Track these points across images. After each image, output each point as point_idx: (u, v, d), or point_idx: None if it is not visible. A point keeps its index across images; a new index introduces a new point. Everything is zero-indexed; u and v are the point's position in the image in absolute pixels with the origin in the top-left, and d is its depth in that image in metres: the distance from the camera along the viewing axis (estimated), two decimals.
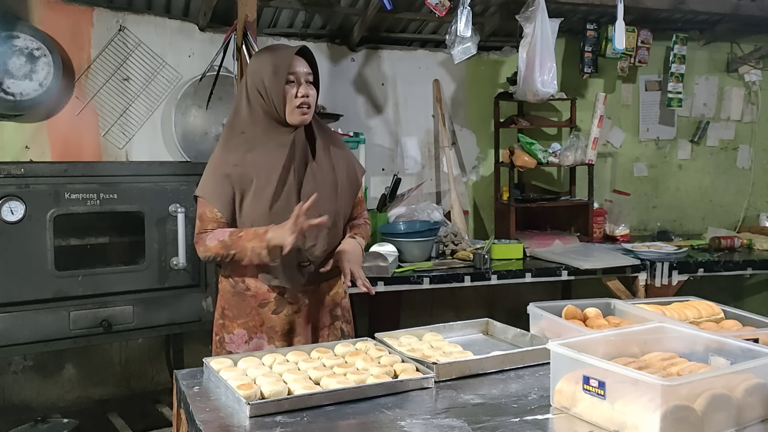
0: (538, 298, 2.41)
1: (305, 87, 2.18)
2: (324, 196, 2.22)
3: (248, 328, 2.24)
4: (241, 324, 2.25)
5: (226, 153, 2.20)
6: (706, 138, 5.03)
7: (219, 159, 2.21)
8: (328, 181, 2.26)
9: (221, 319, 2.29)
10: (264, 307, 2.24)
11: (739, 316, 2.21)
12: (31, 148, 3.56)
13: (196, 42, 3.88)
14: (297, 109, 2.17)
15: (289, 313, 2.25)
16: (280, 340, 2.24)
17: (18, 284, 2.90)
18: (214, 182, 2.19)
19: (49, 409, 3.60)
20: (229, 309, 2.27)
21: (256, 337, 2.24)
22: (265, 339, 2.24)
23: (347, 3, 3.99)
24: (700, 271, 3.78)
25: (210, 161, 2.25)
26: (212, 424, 1.58)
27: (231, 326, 2.26)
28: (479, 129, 4.58)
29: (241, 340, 2.25)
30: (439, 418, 1.60)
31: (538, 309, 2.20)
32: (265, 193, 2.16)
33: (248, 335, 2.24)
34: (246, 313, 2.24)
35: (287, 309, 2.25)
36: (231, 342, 2.25)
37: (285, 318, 2.25)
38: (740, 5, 4.44)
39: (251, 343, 2.24)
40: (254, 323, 2.24)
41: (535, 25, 3.87)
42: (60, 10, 3.58)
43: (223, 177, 2.17)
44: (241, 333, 2.25)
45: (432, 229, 3.73)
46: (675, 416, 1.41)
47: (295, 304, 2.26)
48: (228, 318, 2.27)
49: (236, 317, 2.25)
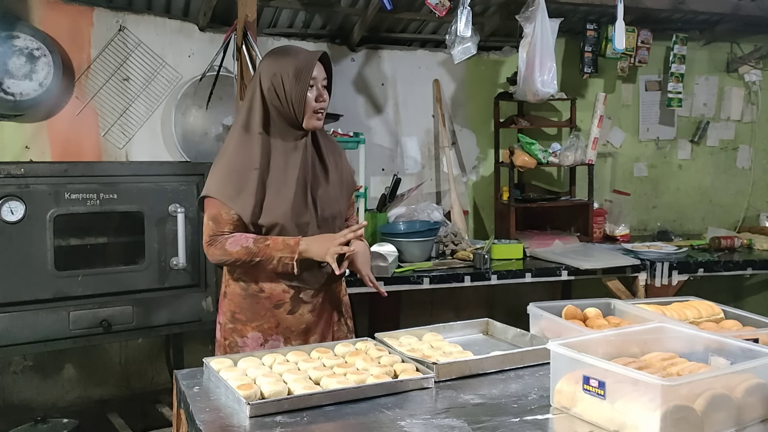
0: (538, 298, 2.41)
1: (323, 92, 2.19)
2: (332, 197, 2.26)
3: (263, 330, 2.22)
4: (255, 327, 2.22)
5: (245, 153, 2.15)
6: (706, 138, 5.03)
7: (236, 159, 2.16)
8: (335, 182, 2.29)
9: (232, 323, 2.24)
10: (279, 308, 2.22)
11: (739, 316, 2.21)
12: (31, 148, 3.56)
13: (196, 42, 3.88)
14: (314, 114, 2.18)
15: (304, 313, 2.24)
16: (296, 339, 2.23)
17: (18, 284, 2.90)
18: (232, 183, 2.13)
19: (49, 409, 3.60)
20: (241, 313, 2.23)
21: (272, 339, 2.22)
22: (281, 340, 2.22)
23: (347, 3, 3.99)
24: (700, 271, 3.78)
25: (223, 162, 2.18)
26: (212, 424, 1.58)
27: (244, 330, 2.23)
28: (479, 129, 4.58)
29: (255, 343, 2.22)
30: (439, 418, 1.59)
31: (538, 309, 2.20)
32: (286, 195, 2.16)
33: (263, 338, 2.22)
34: (261, 316, 2.22)
35: (302, 309, 2.24)
36: (245, 345, 2.22)
37: (300, 318, 2.24)
38: (740, 5, 4.44)
39: (266, 345, 2.21)
40: (269, 325, 2.22)
41: (535, 25, 3.87)
42: (60, 10, 3.58)
43: (244, 177, 2.13)
44: (256, 336, 2.22)
45: (432, 229, 3.73)
46: (675, 416, 1.41)
47: (310, 304, 2.25)
48: (240, 322, 2.23)
49: (250, 320, 2.22)
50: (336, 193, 2.28)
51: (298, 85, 2.13)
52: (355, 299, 2.63)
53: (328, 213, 2.24)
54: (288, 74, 2.14)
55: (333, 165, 2.30)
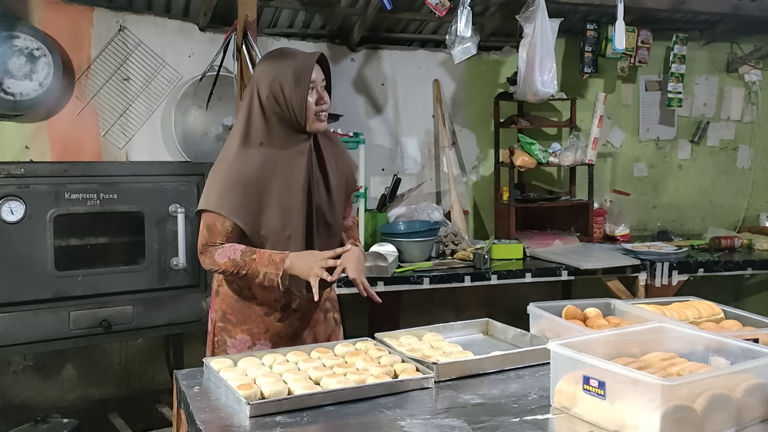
0: (538, 298, 2.41)
1: (324, 94, 2.16)
2: (331, 204, 2.23)
3: (252, 334, 2.22)
4: (245, 330, 2.22)
5: (245, 165, 2.10)
6: (706, 138, 5.02)
7: (235, 170, 2.10)
8: (335, 186, 2.24)
9: (222, 323, 2.25)
10: (270, 315, 2.22)
11: (739, 316, 2.21)
12: (31, 148, 3.56)
13: (196, 42, 3.88)
14: (316, 117, 2.14)
15: (294, 320, 2.25)
16: (284, 344, 2.23)
17: (18, 284, 2.90)
18: (230, 194, 2.08)
19: (49, 409, 3.60)
20: (232, 314, 2.24)
21: (260, 343, 2.23)
22: (268, 345, 2.23)
23: (347, 3, 3.98)
24: (700, 271, 3.78)
25: (221, 173, 2.12)
26: (212, 424, 1.58)
27: (234, 331, 2.23)
28: (479, 129, 4.58)
29: (243, 345, 2.23)
30: (439, 418, 1.60)
31: (538, 309, 2.20)
32: (287, 203, 2.13)
33: (252, 341, 2.23)
34: (251, 320, 2.22)
35: (292, 317, 2.25)
36: (232, 346, 2.23)
37: (290, 325, 2.25)
38: (740, 5, 4.44)
39: (254, 348, 2.22)
40: (258, 330, 2.23)
41: (535, 25, 3.87)
42: (60, 10, 3.58)
43: (242, 189, 2.08)
44: (244, 338, 2.23)
45: (432, 229, 3.73)
46: (675, 416, 1.41)
47: (299, 312, 2.26)
48: (231, 323, 2.24)
49: (240, 323, 2.23)
50: (335, 198, 2.25)
51: (297, 89, 2.09)
52: (354, 299, 2.63)
53: (327, 219, 2.21)
54: (287, 79, 2.10)
55: (333, 168, 2.26)
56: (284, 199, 2.13)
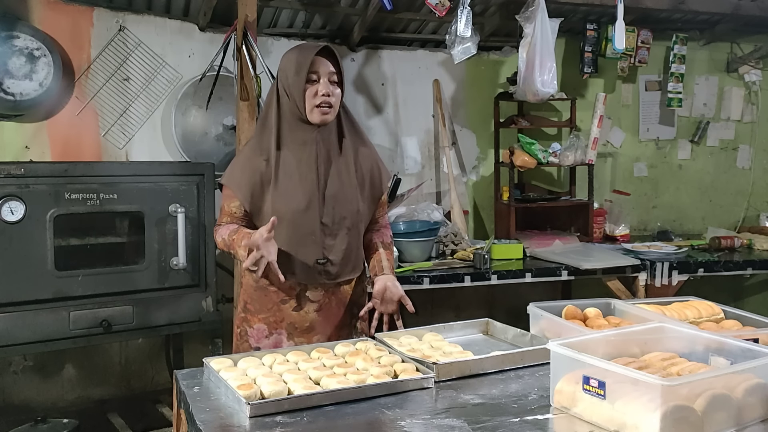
0: (538, 298, 2.41)
1: (326, 86, 2.18)
2: (346, 197, 2.25)
3: (269, 323, 2.27)
4: (262, 319, 2.27)
5: (257, 148, 2.24)
6: (706, 138, 5.03)
7: (250, 152, 2.26)
8: (352, 182, 2.28)
9: (243, 313, 2.32)
10: (285, 303, 2.26)
11: (739, 316, 2.21)
12: (31, 148, 3.56)
13: (196, 42, 3.88)
14: (317, 108, 2.18)
15: (310, 311, 2.27)
16: (299, 336, 2.26)
17: (18, 284, 2.90)
18: (240, 174, 2.23)
19: (49, 409, 3.60)
20: (251, 303, 2.29)
21: (276, 333, 2.26)
22: (284, 335, 2.26)
23: (347, 3, 3.99)
24: (700, 271, 3.78)
25: (241, 152, 2.34)
26: (212, 424, 1.58)
27: (252, 320, 2.29)
28: (479, 129, 4.58)
29: (261, 334, 2.27)
30: (439, 418, 1.59)
31: (538, 309, 2.20)
32: (288, 191, 2.19)
33: (268, 330, 2.27)
34: (267, 308, 2.26)
35: (308, 306, 2.26)
36: (251, 336, 2.29)
37: (305, 315, 2.26)
38: (740, 5, 4.44)
39: (271, 338, 2.27)
40: (275, 319, 2.26)
41: (535, 25, 3.87)
42: (60, 10, 3.58)
43: (251, 170, 2.21)
44: (262, 327, 2.27)
45: (432, 229, 3.73)
46: (675, 416, 1.41)
47: (316, 303, 2.27)
48: (250, 312, 2.29)
49: (258, 311, 2.28)
50: (352, 193, 2.27)
51: (296, 78, 2.17)
52: None
53: (339, 212, 2.24)
54: (290, 69, 2.20)
55: (354, 164, 2.29)
56: (286, 187, 2.19)
